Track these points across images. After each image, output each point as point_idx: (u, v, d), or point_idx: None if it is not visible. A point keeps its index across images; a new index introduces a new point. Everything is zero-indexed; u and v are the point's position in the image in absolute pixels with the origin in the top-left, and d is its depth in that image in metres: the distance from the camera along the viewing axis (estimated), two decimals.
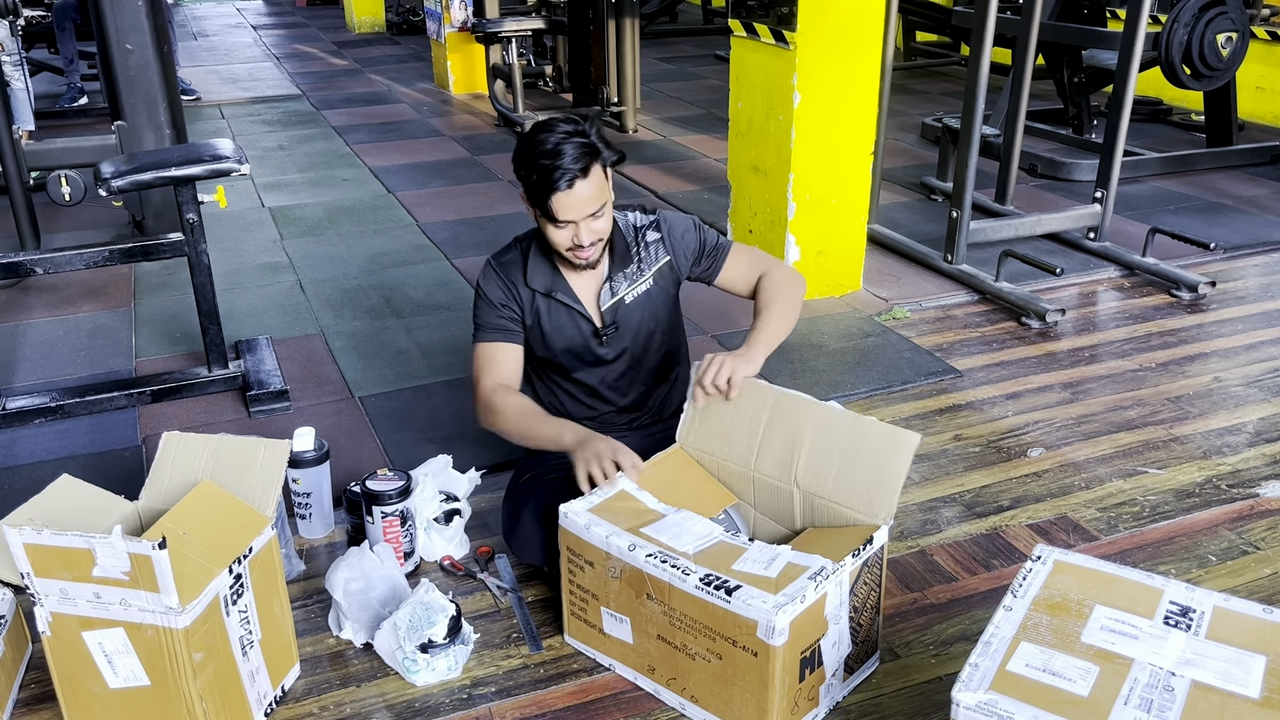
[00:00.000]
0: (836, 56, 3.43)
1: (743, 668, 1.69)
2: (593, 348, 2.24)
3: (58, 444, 2.80)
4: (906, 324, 3.52)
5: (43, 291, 3.86)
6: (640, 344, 2.28)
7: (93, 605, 1.64)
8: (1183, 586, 1.54)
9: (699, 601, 1.70)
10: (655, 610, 1.79)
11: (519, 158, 2.05)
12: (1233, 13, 4.61)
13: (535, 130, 2.05)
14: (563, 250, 2.10)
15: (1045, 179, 5.16)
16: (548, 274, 2.20)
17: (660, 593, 1.76)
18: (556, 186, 1.98)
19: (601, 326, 2.23)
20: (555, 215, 2.02)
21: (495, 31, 6.32)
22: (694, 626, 1.74)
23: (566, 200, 2.00)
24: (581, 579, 1.90)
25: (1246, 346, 3.32)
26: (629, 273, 2.23)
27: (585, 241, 2.06)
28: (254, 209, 4.89)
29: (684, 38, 10.07)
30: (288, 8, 13.24)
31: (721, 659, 1.72)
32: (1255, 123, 6.16)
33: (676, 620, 1.76)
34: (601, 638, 1.93)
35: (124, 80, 3.84)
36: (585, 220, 2.04)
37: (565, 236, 2.07)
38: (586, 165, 2.00)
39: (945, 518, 2.44)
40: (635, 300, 2.24)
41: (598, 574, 1.85)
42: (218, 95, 7.57)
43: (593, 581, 1.87)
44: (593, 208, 2.04)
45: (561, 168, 1.97)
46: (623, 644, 1.89)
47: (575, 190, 1.99)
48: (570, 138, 1.99)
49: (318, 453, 2.33)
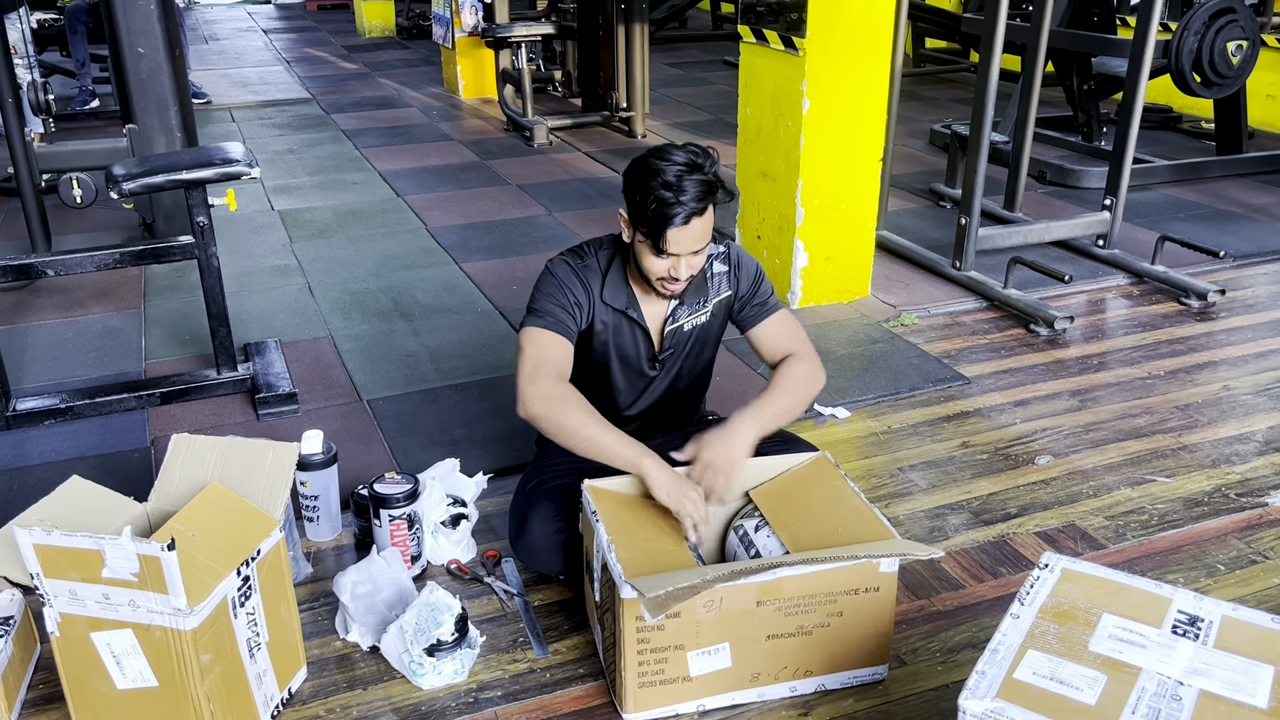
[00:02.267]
0: (846, 63, 3.43)
1: (866, 609, 1.86)
2: (645, 369, 2.24)
3: (67, 445, 2.81)
4: (915, 330, 3.52)
5: (53, 293, 3.87)
6: (682, 371, 2.29)
7: (101, 606, 1.65)
8: (1191, 595, 1.54)
9: (820, 575, 1.81)
10: (766, 612, 1.81)
11: (635, 180, 1.99)
12: (1243, 20, 4.61)
13: (655, 155, 1.99)
14: (654, 278, 2.06)
15: (1054, 186, 5.15)
16: (625, 291, 2.16)
17: (772, 592, 1.80)
18: (673, 221, 1.94)
19: (660, 350, 2.23)
20: (665, 248, 1.98)
21: (505, 37, 6.34)
22: (812, 601, 1.83)
23: (679, 235, 1.96)
24: (658, 640, 1.80)
25: (1256, 355, 3.31)
26: (694, 301, 2.21)
27: (682, 276, 2.03)
28: (264, 212, 4.90)
29: (693, 43, 10.08)
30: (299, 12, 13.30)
31: (843, 614, 1.86)
32: (1265, 130, 6.14)
33: (792, 607, 1.82)
34: (685, 687, 1.85)
35: (135, 84, 3.85)
36: (688, 255, 2.01)
37: (663, 267, 2.03)
38: (706, 205, 1.96)
39: (952, 524, 2.44)
40: (693, 329, 2.23)
41: (684, 621, 1.79)
42: (228, 98, 7.60)
43: (676, 634, 1.80)
44: (701, 244, 2.01)
45: (683, 203, 1.93)
46: (717, 676, 1.85)
47: (691, 226, 1.96)
48: (692, 171, 1.94)
49: (326, 455, 2.34)
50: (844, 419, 2.95)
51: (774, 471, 2.12)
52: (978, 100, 3.72)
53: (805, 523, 1.97)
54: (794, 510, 2.02)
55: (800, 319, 3.56)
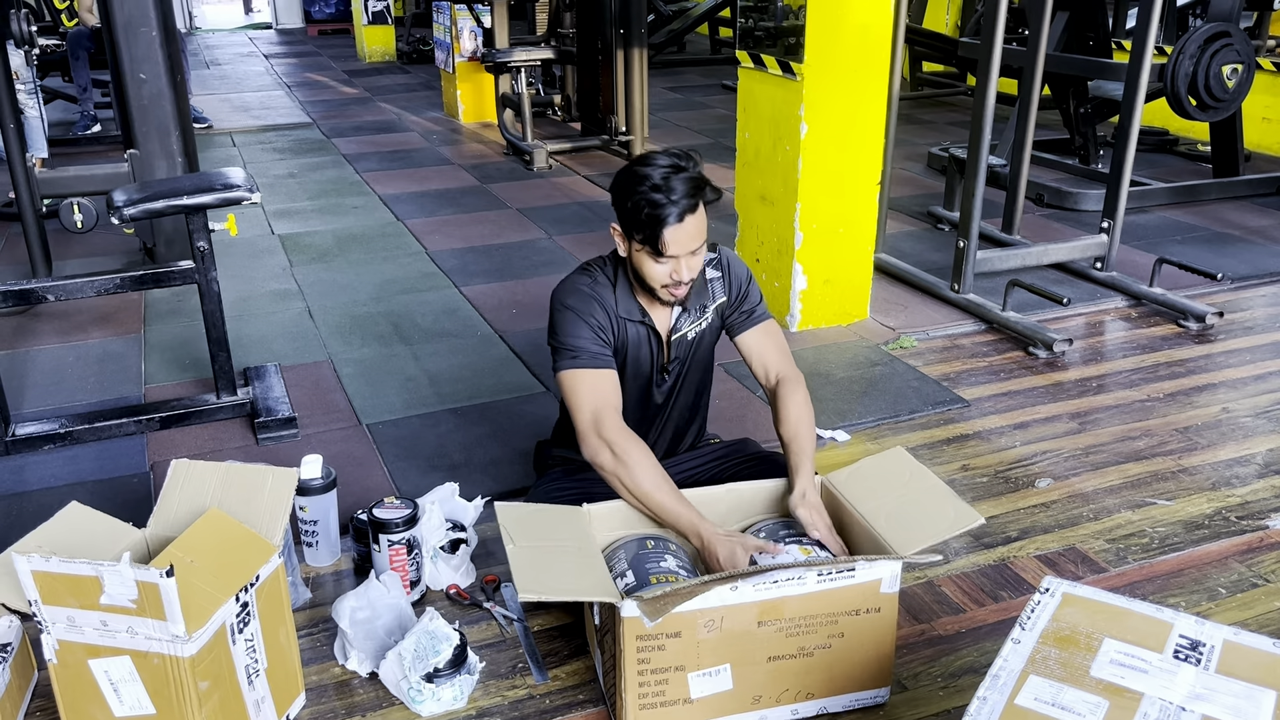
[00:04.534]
0: (843, 87, 3.45)
1: (867, 630, 1.86)
2: (654, 380, 2.26)
3: (66, 470, 2.81)
4: (914, 353, 3.52)
5: (54, 318, 3.88)
6: (685, 383, 2.30)
7: (99, 633, 1.64)
8: (1192, 620, 1.53)
9: (820, 595, 1.80)
10: (767, 633, 1.81)
11: (623, 188, 2.02)
12: (1238, 44, 4.64)
13: (638, 163, 2.02)
14: (657, 285, 2.07)
15: (1052, 209, 5.17)
16: (635, 303, 2.18)
17: (773, 612, 1.79)
18: (667, 220, 1.96)
19: (669, 360, 2.24)
20: (663, 249, 1.99)
21: (505, 61, 6.37)
22: (813, 621, 1.82)
23: (676, 234, 1.98)
24: (659, 660, 1.79)
25: (1255, 377, 3.31)
26: (695, 307, 2.22)
27: (685, 278, 2.04)
28: (264, 236, 4.92)
29: (692, 67, 10.14)
30: (299, 36, 13.39)
31: (844, 636, 1.85)
32: (1261, 153, 6.17)
33: (793, 628, 1.82)
34: (686, 709, 1.84)
35: (137, 109, 3.88)
36: (687, 256, 2.02)
37: (664, 272, 2.04)
38: (696, 200, 1.99)
39: (953, 548, 2.44)
40: (696, 336, 2.25)
41: (685, 641, 1.78)
42: (229, 123, 7.64)
43: (677, 654, 1.79)
44: (698, 243, 2.02)
45: (674, 201, 1.95)
46: (718, 698, 1.84)
47: (685, 224, 1.98)
48: (677, 172, 1.98)
49: (325, 480, 2.33)
50: (844, 442, 2.95)
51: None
52: (975, 123, 3.74)
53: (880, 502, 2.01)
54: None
55: (799, 342, 3.59)
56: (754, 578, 1.76)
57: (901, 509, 1.97)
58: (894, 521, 1.94)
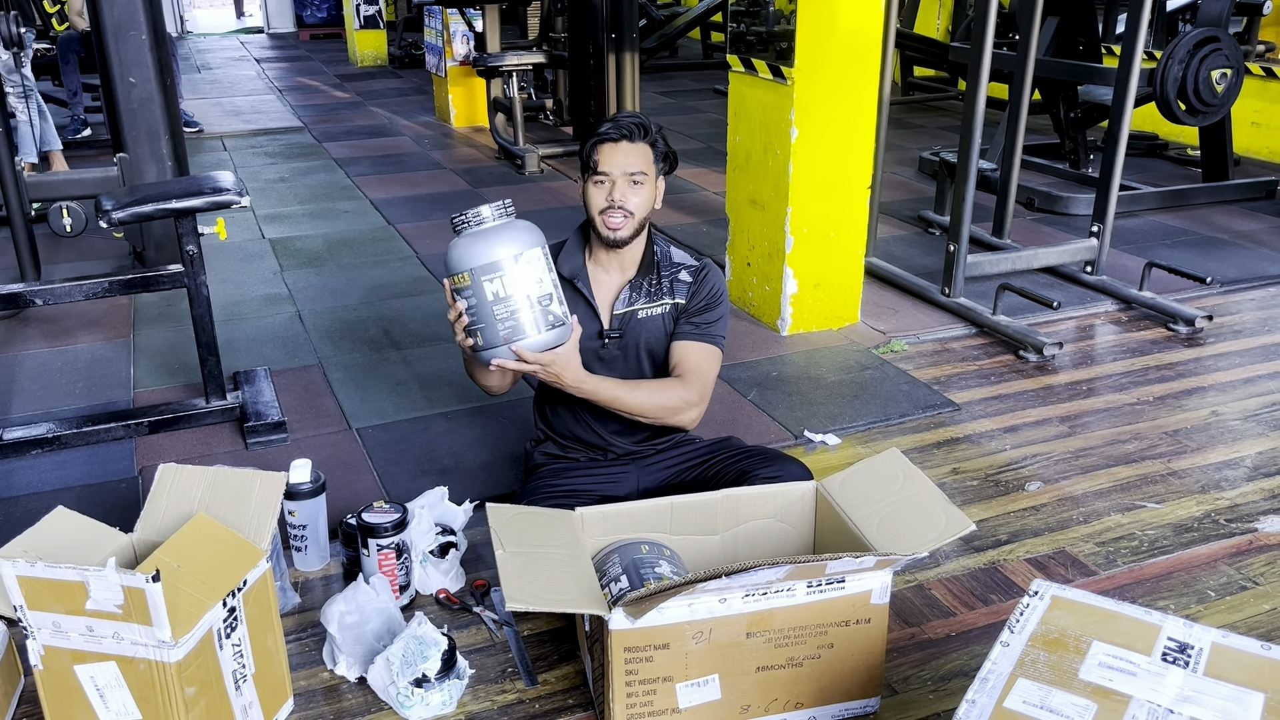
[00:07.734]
0: (834, 92, 3.46)
1: (857, 641, 1.86)
2: (596, 350, 2.23)
3: (54, 475, 2.80)
4: (904, 357, 3.52)
5: (42, 322, 3.87)
6: (633, 368, 2.27)
7: (85, 638, 1.63)
8: (1181, 622, 1.53)
9: (810, 606, 1.80)
10: (756, 644, 1.80)
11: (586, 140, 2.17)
12: (1227, 49, 4.66)
13: None
14: (596, 213, 2.14)
15: (1042, 213, 5.18)
16: (577, 260, 2.23)
17: (762, 623, 1.79)
18: (604, 137, 2.11)
19: (608, 328, 2.23)
20: (596, 165, 2.11)
21: (496, 66, 6.37)
22: (803, 633, 1.82)
23: (610, 152, 2.11)
24: (647, 671, 1.79)
25: (1244, 380, 3.32)
26: (650, 288, 2.24)
27: (618, 199, 2.10)
28: (254, 240, 4.91)
29: (683, 72, 10.16)
30: (291, 41, 13.38)
31: (833, 647, 1.85)
32: (1251, 157, 6.20)
33: (782, 639, 1.82)
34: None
35: (126, 113, 3.87)
36: (624, 178, 2.10)
37: (601, 195, 2.13)
38: (635, 133, 2.11)
39: (943, 551, 2.43)
40: (649, 318, 2.24)
41: (673, 653, 1.78)
42: (220, 127, 7.62)
43: (665, 665, 1.78)
44: (633, 169, 2.11)
45: (615, 124, 2.11)
46: (706, 708, 1.84)
47: (620, 145, 2.11)
48: (632, 117, 2.14)
49: (314, 485, 2.33)
50: (834, 446, 2.95)
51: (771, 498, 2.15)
52: (965, 128, 3.75)
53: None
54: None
55: (790, 345, 3.59)
56: (744, 588, 1.75)
57: (893, 516, 1.96)
58: (885, 530, 1.94)
